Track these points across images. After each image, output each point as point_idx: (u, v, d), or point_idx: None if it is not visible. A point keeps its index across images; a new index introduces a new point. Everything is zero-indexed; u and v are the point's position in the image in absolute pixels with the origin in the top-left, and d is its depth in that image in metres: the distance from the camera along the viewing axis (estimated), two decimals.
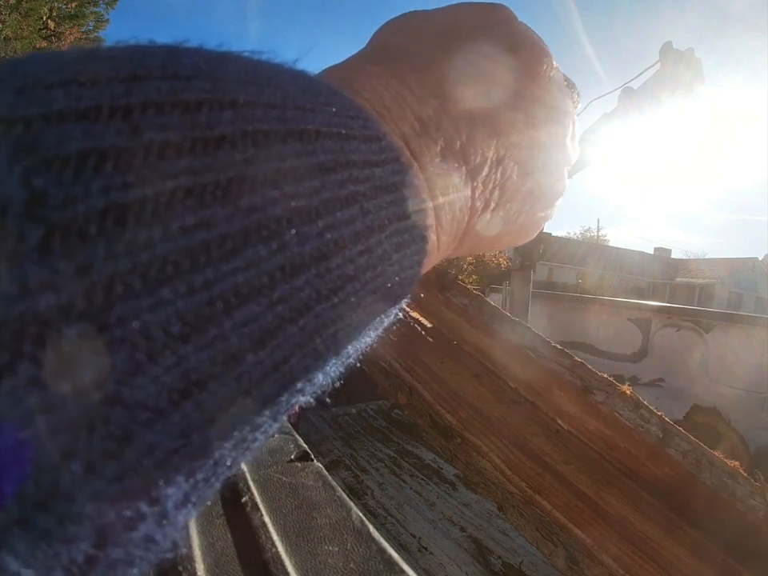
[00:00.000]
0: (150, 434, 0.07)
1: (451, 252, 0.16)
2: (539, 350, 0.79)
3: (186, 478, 0.08)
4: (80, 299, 0.06)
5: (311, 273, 0.08)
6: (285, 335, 0.08)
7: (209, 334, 0.07)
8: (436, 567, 1.52)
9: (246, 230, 0.07)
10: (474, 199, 0.14)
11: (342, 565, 0.31)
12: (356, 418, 2.96)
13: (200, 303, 0.07)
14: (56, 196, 0.06)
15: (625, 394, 0.73)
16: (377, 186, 0.10)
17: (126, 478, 0.06)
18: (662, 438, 0.67)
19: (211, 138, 0.07)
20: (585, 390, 0.75)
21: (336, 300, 0.09)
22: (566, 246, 19.48)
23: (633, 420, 0.69)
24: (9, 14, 12.00)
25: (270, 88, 0.09)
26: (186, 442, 0.07)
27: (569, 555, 0.69)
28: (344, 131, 0.10)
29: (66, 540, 0.06)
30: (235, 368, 0.07)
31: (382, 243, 0.10)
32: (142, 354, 0.06)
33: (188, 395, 0.07)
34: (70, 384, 0.06)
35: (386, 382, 0.99)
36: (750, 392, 2.13)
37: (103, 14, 14.70)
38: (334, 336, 0.10)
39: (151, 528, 0.07)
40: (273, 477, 0.42)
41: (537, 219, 0.17)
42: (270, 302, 0.08)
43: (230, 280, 0.07)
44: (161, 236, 0.06)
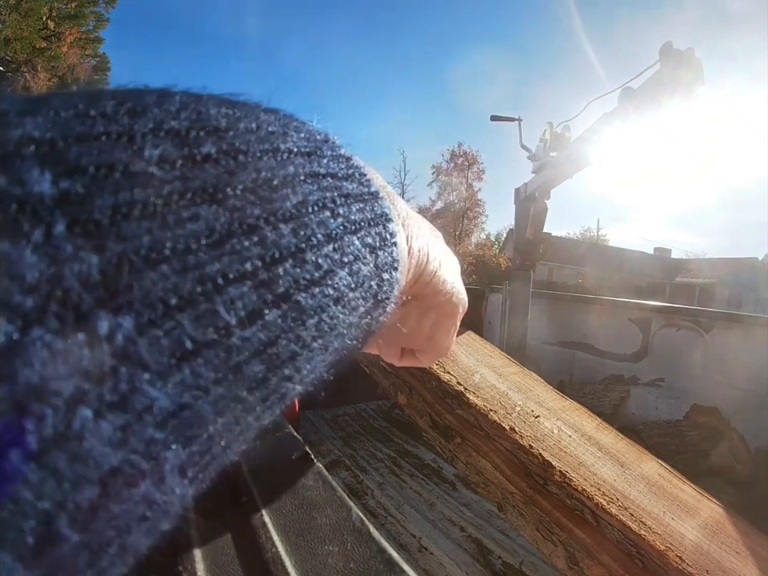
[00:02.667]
0: (151, 391, 0.08)
1: (410, 288, 0.19)
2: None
3: (182, 446, 0.08)
4: (95, 270, 0.07)
5: (289, 264, 0.10)
6: (269, 317, 0.10)
7: (201, 307, 0.08)
8: (436, 567, 1.52)
9: (229, 225, 0.09)
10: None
11: (342, 565, 0.31)
12: (356, 418, 2.96)
13: (192, 280, 0.08)
14: (77, 195, 0.07)
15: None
16: (346, 195, 0.12)
17: (128, 429, 0.07)
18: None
19: (198, 154, 0.09)
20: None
21: (316, 291, 0.11)
22: (566, 245, 19.48)
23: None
24: (9, 14, 11.99)
25: (247, 118, 0.11)
26: (182, 406, 0.08)
27: (569, 555, 0.69)
28: (313, 151, 0.12)
29: (74, 480, 0.07)
30: (225, 340, 0.09)
31: (354, 243, 0.12)
32: (144, 318, 0.08)
33: (185, 360, 0.08)
34: (85, 338, 0.07)
35: (386, 381, 0.99)
36: (749, 392, 2.13)
37: (103, 14, 14.69)
38: (318, 326, 0.11)
39: (150, 488, 0.08)
40: (273, 477, 0.42)
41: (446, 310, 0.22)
42: (253, 284, 0.09)
43: (216, 264, 0.09)
44: (158, 226, 0.08)
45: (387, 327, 0.21)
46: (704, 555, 0.68)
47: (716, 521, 0.81)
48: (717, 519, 0.82)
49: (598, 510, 0.68)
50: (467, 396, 0.87)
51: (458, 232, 22.16)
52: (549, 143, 2.42)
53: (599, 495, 0.70)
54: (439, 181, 23.24)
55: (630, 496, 0.75)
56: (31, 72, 12.98)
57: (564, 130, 2.40)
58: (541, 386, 1.10)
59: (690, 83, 1.61)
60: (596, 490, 0.71)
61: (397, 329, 0.22)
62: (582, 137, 2.15)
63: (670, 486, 0.86)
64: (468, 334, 1.16)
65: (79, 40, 14.21)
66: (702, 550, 0.69)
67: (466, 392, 0.87)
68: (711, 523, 0.79)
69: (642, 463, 0.91)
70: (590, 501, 0.69)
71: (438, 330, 0.23)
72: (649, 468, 0.90)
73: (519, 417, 0.88)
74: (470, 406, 0.85)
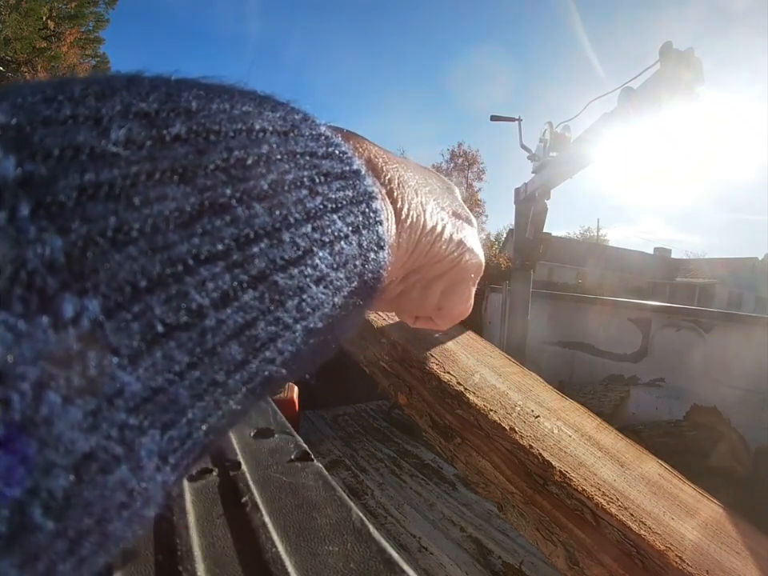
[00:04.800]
0: (122, 376, 0.07)
1: (406, 262, 0.18)
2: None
3: (159, 431, 0.08)
4: (60, 253, 0.07)
5: (264, 243, 0.10)
6: (245, 298, 0.09)
7: (171, 289, 0.08)
8: (436, 567, 1.52)
9: (200, 204, 0.09)
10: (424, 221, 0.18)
11: (342, 565, 0.31)
12: (356, 417, 2.96)
13: (162, 262, 0.08)
14: (41, 177, 0.07)
15: None
16: (325, 174, 0.12)
17: (99, 414, 0.07)
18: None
19: (167, 135, 0.09)
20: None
21: (294, 271, 0.11)
22: (566, 245, 19.47)
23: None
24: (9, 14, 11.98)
25: (220, 98, 0.11)
26: (156, 390, 0.08)
27: (569, 555, 0.69)
28: (290, 129, 0.12)
29: (45, 467, 0.07)
30: (199, 323, 0.09)
31: (335, 222, 0.12)
32: (111, 301, 0.07)
33: (156, 343, 0.08)
34: (52, 321, 0.07)
35: (386, 381, 0.99)
36: (749, 392, 2.13)
37: (103, 14, 14.68)
38: (300, 307, 0.11)
39: (126, 474, 0.08)
40: (273, 477, 0.42)
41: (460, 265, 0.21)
42: (226, 265, 0.09)
43: (186, 244, 0.08)
44: (125, 206, 0.08)
45: (390, 300, 0.22)
46: (704, 555, 0.68)
47: (716, 521, 0.81)
48: (717, 519, 0.82)
49: (598, 509, 0.68)
50: (467, 396, 0.87)
51: None
52: (549, 143, 2.42)
53: (599, 495, 0.70)
54: None
55: (629, 496, 0.75)
56: (31, 72, 12.98)
57: (564, 130, 2.40)
58: (541, 385, 1.10)
59: (689, 83, 1.61)
60: (596, 490, 0.71)
61: (402, 301, 0.21)
62: (582, 137, 2.15)
63: (669, 486, 0.86)
64: (468, 334, 1.16)
65: (79, 40, 14.21)
66: (702, 550, 0.69)
67: (465, 392, 0.87)
68: (711, 523, 0.79)
69: (642, 463, 0.91)
70: (590, 501, 0.69)
71: (450, 298, 0.22)
72: (649, 468, 0.90)
73: (519, 417, 0.88)
74: (470, 405, 0.85)
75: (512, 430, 0.80)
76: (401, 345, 0.96)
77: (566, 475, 0.72)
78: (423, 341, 1.01)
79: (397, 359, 0.96)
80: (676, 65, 1.61)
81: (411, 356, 0.95)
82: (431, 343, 1.00)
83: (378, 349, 1.00)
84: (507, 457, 0.78)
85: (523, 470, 0.76)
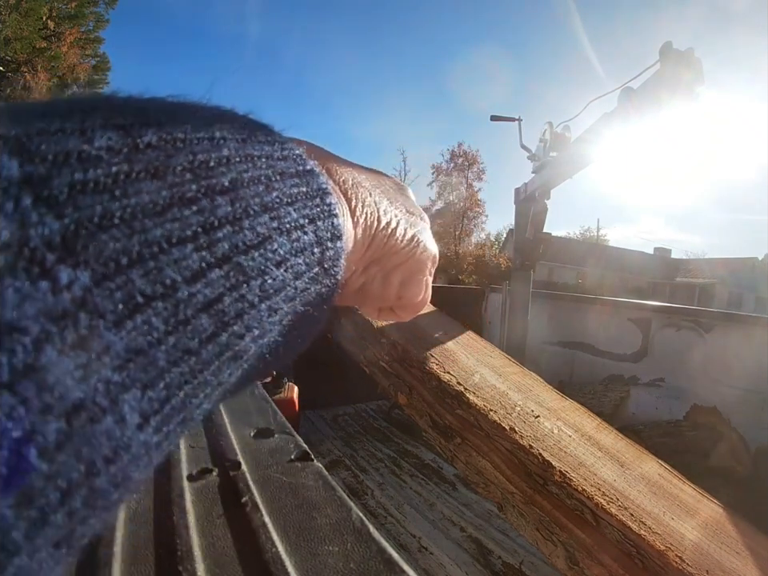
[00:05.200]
0: (108, 335, 0.09)
1: (364, 254, 0.20)
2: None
3: (140, 391, 0.10)
4: (56, 234, 0.09)
5: (227, 230, 0.12)
6: (212, 276, 0.11)
7: (149, 265, 0.10)
8: (436, 567, 1.52)
9: (170, 197, 0.11)
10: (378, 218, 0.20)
11: (342, 565, 0.31)
12: (356, 417, 2.96)
13: (139, 243, 0.10)
14: (39, 176, 0.09)
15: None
16: (281, 173, 0.14)
17: (88, 367, 0.09)
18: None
19: (141, 143, 0.11)
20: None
21: (255, 254, 0.12)
22: (566, 246, 19.47)
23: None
24: (9, 14, 11.98)
25: (185, 112, 0.13)
26: (137, 352, 0.09)
27: (569, 555, 0.69)
28: (248, 137, 0.14)
29: (41, 409, 0.08)
30: (173, 295, 0.10)
31: (291, 214, 0.14)
32: (99, 273, 0.09)
33: (137, 310, 0.10)
34: (50, 286, 0.08)
35: (386, 381, 0.99)
36: (749, 392, 2.13)
37: (103, 14, 14.68)
38: (263, 287, 0.13)
39: (110, 426, 0.09)
40: (273, 477, 0.42)
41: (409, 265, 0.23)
42: (195, 247, 0.11)
43: (160, 229, 0.10)
44: (108, 198, 0.10)
45: (353, 293, 0.24)
46: (704, 555, 0.68)
47: (716, 521, 0.81)
48: (717, 519, 0.82)
49: (598, 509, 0.68)
50: (467, 396, 0.87)
51: (457, 232, 22.14)
52: (549, 143, 2.42)
53: (599, 495, 0.70)
54: (439, 181, 23.24)
55: (629, 496, 0.75)
56: (31, 72, 12.97)
57: (564, 130, 2.40)
58: (541, 385, 1.10)
59: (689, 83, 1.61)
60: (596, 490, 0.71)
61: (364, 293, 0.23)
62: (582, 137, 2.15)
63: (669, 485, 0.86)
64: (468, 334, 1.16)
65: (79, 40, 14.20)
66: (702, 550, 0.69)
67: (465, 392, 0.87)
68: (711, 523, 0.79)
69: (642, 463, 0.91)
70: (590, 501, 0.69)
71: (408, 288, 0.24)
72: (649, 468, 0.90)
73: (519, 417, 0.88)
74: (470, 405, 0.85)
75: (512, 429, 0.80)
76: (401, 345, 0.96)
77: (566, 475, 0.72)
78: (423, 341, 1.01)
79: (397, 359, 0.96)
80: (676, 65, 1.61)
81: (411, 356, 0.95)
82: (431, 343, 1.00)
83: (377, 349, 1.00)
84: (507, 457, 0.78)
85: (523, 470, 0.76)
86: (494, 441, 0.82)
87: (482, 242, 23.47)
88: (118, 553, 0.32)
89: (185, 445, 0.49)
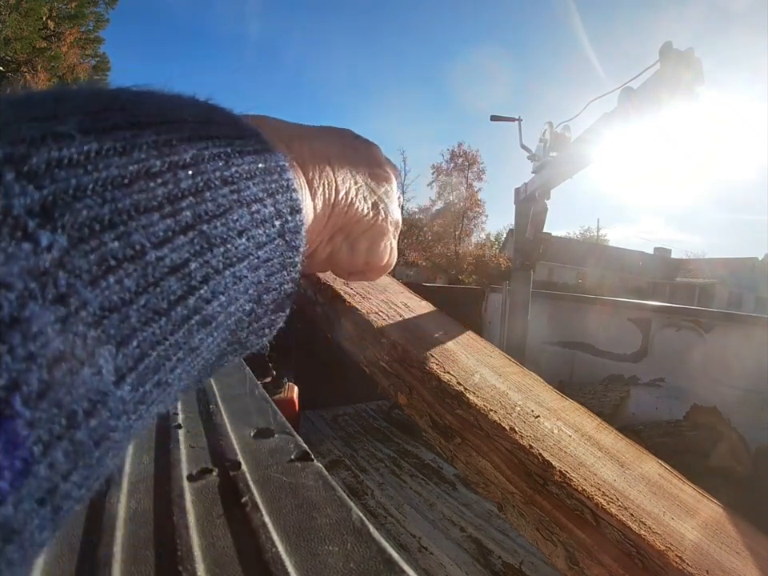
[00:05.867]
0: (84, 293, 0.10)
1: (326, 225, 0.21)
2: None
3: (115, 348, 0.10)
4: (37, 203, 0.09)
5: (190, 200, 0.12)
6: (178, 242, 0.12)
7: (119, 230, 0.11)
8: (436, 567, 1.52)
9: (138, 171, 0.11)
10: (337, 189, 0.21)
11: (342, 565, 0.31)
12: (356, 417, 2.95)
13: (111, 210, 0.11)
14: (20, 155, 0.10)
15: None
16: (239, 150, 0.15)
17: (67, 320, 0.09)
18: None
19: (109, 125, 0.12)
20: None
21: (218, 223, 0.13)
22: (566, 246, 19.47)
23: None
24: (9, 14, 11.97)
25: (151, 99, 0.14)
26: (111, 309, 0.10)
27: (569, 555, 0.69)
28: (207, 119, 0.15)
29: (25, 357, 0.09)
30: (142, 257, 0.11)
31: (250, 187, 0.15)
32: (75, 238, 0.10)
33: (109, 271, 0.10)
34: (32, 247, 0.09)
35: (386, 381, 0.99)
36: (749, 392, 2.13)
37: (103, 14, 14.68)
38: (226, 254, 0.13)
39: (88, 377, 0.10)
40: (273, 477, 0.42)
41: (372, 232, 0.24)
42: (161, 215, 0.12)
43: (129, 198, 0.11)
44: (81, 172, 0.10)
45: (321, 262, 0.24)
46: (704, 555, 0.68)
47: (716, 521, 0.81)
48: (717, 519, 0.82)
49: (598, 509, 0.68)
50: (467, 396, 0.87)
51: (457, 232, 22.13)
52: (549, 143, 2.42)
53: (599, 495, 0.70)
54: (439, 181, 23.23)
55: (629, 496, 0.75)
56: (31, 72, 12.97)
57: (564, 130, 2.40)
58: (541, 385, 1.10)
59: (689, 83, 1.61)
60: (596, 490, 0.71)
61: (332, 260, 0.24)
62: (582, 137, 2.15)
63: (670, 486, 0.86)
64: (468, 334, 1.16)
65: (79, 40, 14.20)
66: (702, 550, 0.69)
67: (465, 392, 0.87)
68: (711, 523, 0.79)
69: (642, 463, 0.91)
70: (590, 501, 0.69)
71: (373, 254, 0.25)
72: (649, 468, 0.90)
73: (519, 417, 0.87)
74: (470, 405, 0.85)
75: (512, 429, 0.80)
76: (401, 345, 0.96)
77: (566, 475, 0.72)
78: (423, 341, 1.01)
79: (397, 359, 0.96)
80: (676, 65, 1.61)
81: (411, 356, 0.95)
82: (431, 343, 1.00)
83: (377, 349, 1.00)
84: (507, 457, 0.78)
85: (523, 470, 0.76)
86: (494, 441, 0.82)
87: (482, 242, 23.48)
88: (118, 553, 0.32)
89: (185, 445, 0.49)
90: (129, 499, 0.39)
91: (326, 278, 0.82)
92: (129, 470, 0.43)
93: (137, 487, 0.41)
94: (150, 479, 0.42)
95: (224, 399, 0.62)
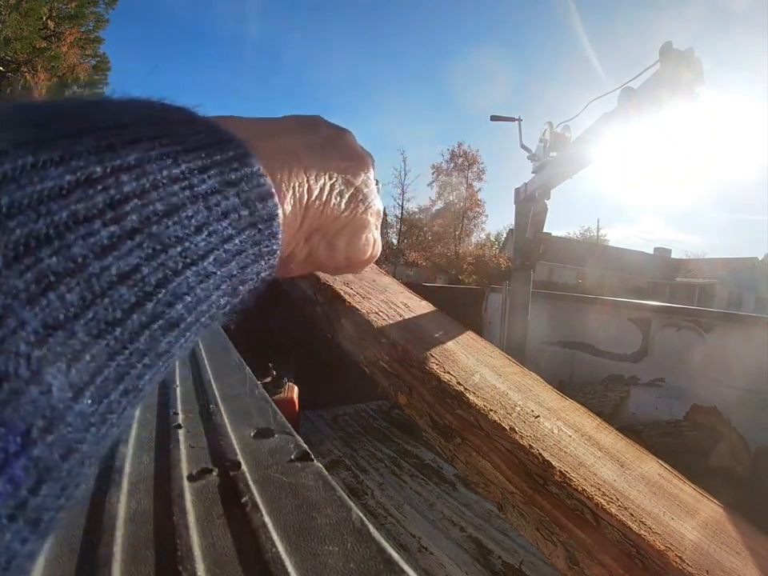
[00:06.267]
0: (21, 313, 0.09)
1: (300, 228, 0.20)
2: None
3: (65, 365, 0.10)
4: None
5: (134, 203, 0.12)
6: (124, 249, 0.11)
7: (55, 245, 0.10)
8: (436, 567, 1.52)
9: (76, 180, 0.11)
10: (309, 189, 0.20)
11: (342, 565, 0.31)
12: (356, 417, 2.96)
13: (45, 224, 0.10)
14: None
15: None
16: (191, 146, 0.14)
17: (5, 341, 0.09)
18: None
19: (47, 135, 0.11)
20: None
21: (169, 223, 0.13)
22: (566, 246, 19.47)
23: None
24: (9, 14, 11.98)
25: (94, 105, 0.14)
26: (54, 327, 0.10)
27: (569, 555, 0.69)
28: (154, 119, 0.14)
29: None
30: (84, 270, 0.11)
31: (205, 181, 0.14)
32: (9, 256, 0.09)
33: (50, 288, 0.10)
34: None
35: (386, 381, 0.99)
36: (749, 392, 2.13)
37: (103, 14, 14.68)
38: (184, 254, 0.13)
39: (36, 396, 0.09)
40: (273, 477, 0.42)
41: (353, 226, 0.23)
42: (102, 222, 0.11)
43: (66, 210, 0.11)
44: (14, 187, 0.10)
45: (301, 263, 0.24)
46: (704, 555, 0.68)
47: (716, 521, 0.81)
48: (717, 519, 0.82)
49: (598, 509, 0.68)
50: (467, 396, 0.87)
51: (457, 232, 22.14)
52: (549, 143, 2.42)
53: (599, 495, 0.70)
54: (439, 181, 23.23)
55: (629, 496, 0.75)
56: (31, 72, 12.97)
57: (564, 130, 2.40)
58: (541, 385, 1.10)
59: (689, 83, 1.61)
60: (596, 490, 0.71)
61: (312, 261, 0.23)
62: (582, 137, 2.15)
63: (670, 485, 0.86)
64: (468, 334, 1.16)
65: (79, 40, 14.19)
66: (702, 550, 0.69)
67: (465, 392, 0.87)
68: (711, 523, 0.79)
69: (642, 463, 0.91)
70: (590, 501, 0.69)
71: (354, 249, 0.24)
72: (649, 468, 0.90)
73: (519, 417, 0.88)
74: (470, 405, 0.85)
75: (512, 429, 0.80)
76: (401, 345, 0.96)
77: (566, 475, 0.72)
78: (423, 341, 1.01)
79: (397, 359, 0.96)
80: (676, 65, 1.61)
81: (411, 356, 0.95)
82: (431, 343, 1.00)
83: (377, 349, 1.00)
84: (507, 457, 0.78)
85: (523, 470, 0.76)
86: (494, 441, 0.82)
87: (482, 242, 23.49)
88: (118, 553, 0.32)
89: (185, 445, 0.49)
90: (129, 499, 0.39)
91: (325, 278, 0.82)
92: (129, 470, 0.43)
93: (137, 487, 0.41)
94: (150, 479, 0.42)
95: (224, 399, 0.62)
